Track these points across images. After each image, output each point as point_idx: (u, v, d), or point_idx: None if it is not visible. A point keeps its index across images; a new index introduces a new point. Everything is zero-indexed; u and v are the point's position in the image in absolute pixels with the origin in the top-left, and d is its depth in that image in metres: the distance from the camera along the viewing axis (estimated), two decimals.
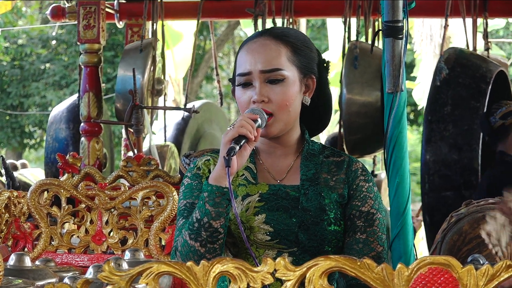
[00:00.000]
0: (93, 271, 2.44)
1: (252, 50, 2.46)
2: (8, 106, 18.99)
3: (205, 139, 7.54)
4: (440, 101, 5.24)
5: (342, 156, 2.53)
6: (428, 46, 12.37)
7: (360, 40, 6.00)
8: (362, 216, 2.46)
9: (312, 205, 2.43)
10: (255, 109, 2.40)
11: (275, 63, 2.44)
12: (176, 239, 2.39)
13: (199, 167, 2.51)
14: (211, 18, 6.89)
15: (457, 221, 3.11)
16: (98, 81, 5.30)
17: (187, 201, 2.46)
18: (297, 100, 2.47)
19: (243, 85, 2.45)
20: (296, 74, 2.47)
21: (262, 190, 2.46)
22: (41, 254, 3.25)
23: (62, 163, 4.13)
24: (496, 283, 1.35)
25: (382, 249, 2.46)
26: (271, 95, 2.42)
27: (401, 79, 2.79)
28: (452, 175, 5.17)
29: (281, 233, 2.41)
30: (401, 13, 2.82)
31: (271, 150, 2.52)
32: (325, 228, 2.42)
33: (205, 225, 2.31)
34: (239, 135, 2.31)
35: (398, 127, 2.79)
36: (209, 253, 2.32)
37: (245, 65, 2.45)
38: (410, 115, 19.66)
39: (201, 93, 21.03)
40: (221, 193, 2.31)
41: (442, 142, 5.20)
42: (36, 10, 19.61)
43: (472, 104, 5.20)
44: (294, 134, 2.52)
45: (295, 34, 2.53)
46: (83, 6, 5.26)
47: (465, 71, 5.33)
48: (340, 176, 2.49)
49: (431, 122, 5.27)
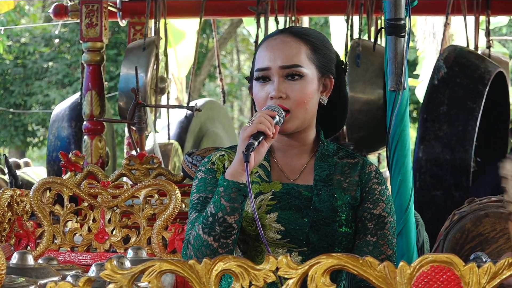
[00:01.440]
0: (96, 269, 2.44)
1: (272, 47, 2.47)
2: (11, 104, 19.01)
3: (208, 137, 7.54)
4: (436, 100, 5.25)
5: (356, 158, 2.53)
6: (431, 44, 12.36)
7: (362, 38, 6.01)
8: (373, 218, 2.46)
9: (324, 205, 2.43)
10: (273, 106, 2.40)
11: (295, 59, 2.44)
12: (189, 232, 2.38)
13: (214, 162, 2.51)
14: (213, 16, 6.89)
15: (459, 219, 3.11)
16: (101, 80, 5.30)
17: (200, 194, 2.46)
18: (315, 99, 2.48)
19: (261, 79, 2.45)
20: (314, 72, 2.47)
21: (275, 188, 2.47)
22: (43, 252, 3.25)
23: (65, 161, 4.13)
24: (499, 281, 1.34)
25: (392, 253, 2.45)
26: (289, 92, 2.43)
27: (403, 77, 2.79)
28: (443, 175, 5.18)
29: (292, 233, 2.42)
30: (403, 11, 2.82)
31: (286, 149, 2.53)
32: (336, 229, 2.42)
33: (219, 219, 2.31)
34: (257, 131, 2.31)
35: (401, 125, 2.79)
36: (222, 248, 2.32)
37: (265, 60, 2.46)
38: (412, 113, 19.64)
39: (204, 91, 21.04)
40: (237, 189, 2.31)
41: (436, 142, 5.20)
42: (39, 8, 19.63)
43: (469, 105, 5.20)
44: (310, 133, 2.53)
45: (314, 34, 2.54)
46: (85, 5, 5.26)
47: (463, 70, 5.33)
48: (353, 178, 2.49)
49: (426, 121, 5.28)
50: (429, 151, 5.21)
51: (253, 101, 2.54)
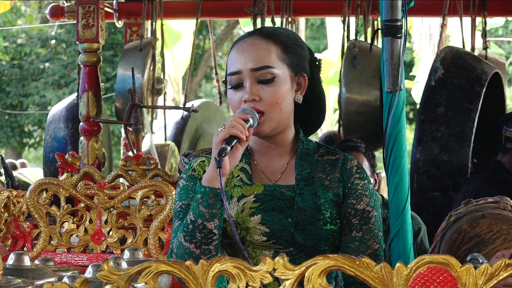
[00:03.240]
0: (92, 270, 2.44)
1: (242, 50, 2.46)
2: (7, 105, 18.99)
3: (204, 138, 7.54)
4: (434, 102, 5.25)
5: (337, 154, 2.52)
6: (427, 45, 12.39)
7: (359, 39, 6.01)
8: (357, 214, 2.45)
9: (307, 205, 2.43)
10: (246, 109, 2.39)
11: (265, 60, 2.43)
12: (172, 241, 2.39)
13: (194, 169, 2.50)
14: (210, 17, 6.89)
15: (456, 220, 3.11)
16: (97, 81, 5.29)
17: (182, 202, 2.45)
18: (289, 98, 2.47)
19: (234, 87, 2.45)
20: (287, 72, 2.46)
21: (257, 190, 2.46)
22: (40, 253, 3.25)
23: (61, 162, 4.13)
24: (495, 282, 1.35)
25: (378, 247, 2.46)
26: (262, 94, 2.42)
27: (400, 78, 2.79)
28: (441, 176, 5.18)
29: (277, 234, 2.41)
30: (400, 12, 2.82)
31: (266, 151, 2.52)
32: (321, 227, 2.42)
33: (199, 226, 2.31)
34: (230, 135, 2.30)
35: (397, 126, 2.79)
36: (204, 255, 2.32)
37: (235, 64, 2.45)
38: (409, 114, 19.65)
39: (200, 92, 21.03)
40: (214, 194, 2.31)
41: (433, 143, 5.20)
42: (35, 9, 19.62)
43: (466, 106, 5.20)
44: (289, 133, 2.52)
45: (285, 33, 2.53)
46: (82, 6, 5.26)
47: (460, 72, 5.33)
48: (334, 175, 2.49)
49: (423, 122, 5.28)
50: (427, 152, 5.21)
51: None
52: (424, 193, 5.19)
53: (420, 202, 5.16)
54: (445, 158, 5.15)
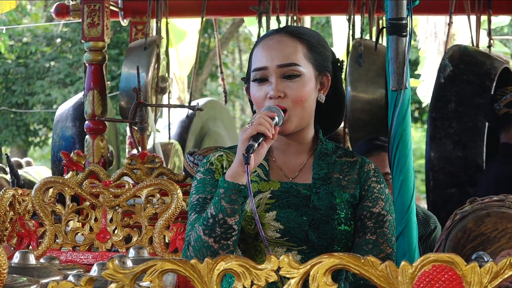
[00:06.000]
0: (98, 269, 2.44)
1: (269, 47, 2.48)
2: (13, 104, 19.01)
3: (210, 137, 7.54)
4: (444, 98, 5.24)
5: (355, 157, 2.55)
6: (432, 43, 12.36)
7: (364, 37, 6.00)
8: (372, 217, 2.46)
9: (323, 204, 2.44)
10: (272, 107, 2.41)
11: (292, 58, 2.46)
12: (189, 234, 2.39)
13: (212, 162, 2.52)
14: (215, 16, 6.89)
15: (461, 218, 3.10)
16: (103, 79, 5.30)
17: (199, 195, 2.46)
18: (312, 97, 2.49)
19: (259, 80, 2.46)
20: (311, 71, 2.49)
21: (274, 187, 2.47)
22: (45, 252, 3.25)
23: (67, 161, 4.13)
24: (500, 281, 1.34)
25: (391, 251, 2.46)
26: (287, 91, 2.44)
27: (405, 76, 2.78)
28: (456, 172, 5.16)
29: (291, 231, 2.42)
30: (405, 11, 2.82)
31: (285, 148, 2.53)
32: (335, 227, 2.42)
33: (220, 221, 2.32)
34: (257, 132, 2.32)
35: (402, 124, 2.79)
36: (222, 249, 2.33)
37: (262, 60, 2.47)
38: (414, 113, 19.64)
39: (205, 91, 21.04)
40: (238, 190, 2.32)
41: (447, 139, 5.19)
42: (41, 8, 19.62)
43: (477, 100, 5.19)
44: (309, 132, 2.54)
45: (310, 33, 2.56)
46: (87, 4, 5.26)
47: (469, 68, 5.32)
48: (352, 176, 2.50)
49: (435, 119, 5.26)
50: (441, 149, 5.19)
51: (251, 101, 2.55)
52: (441, 190, 5.17)
53: (437, 200, 5.14)
54: (459, 153, 5.14)
